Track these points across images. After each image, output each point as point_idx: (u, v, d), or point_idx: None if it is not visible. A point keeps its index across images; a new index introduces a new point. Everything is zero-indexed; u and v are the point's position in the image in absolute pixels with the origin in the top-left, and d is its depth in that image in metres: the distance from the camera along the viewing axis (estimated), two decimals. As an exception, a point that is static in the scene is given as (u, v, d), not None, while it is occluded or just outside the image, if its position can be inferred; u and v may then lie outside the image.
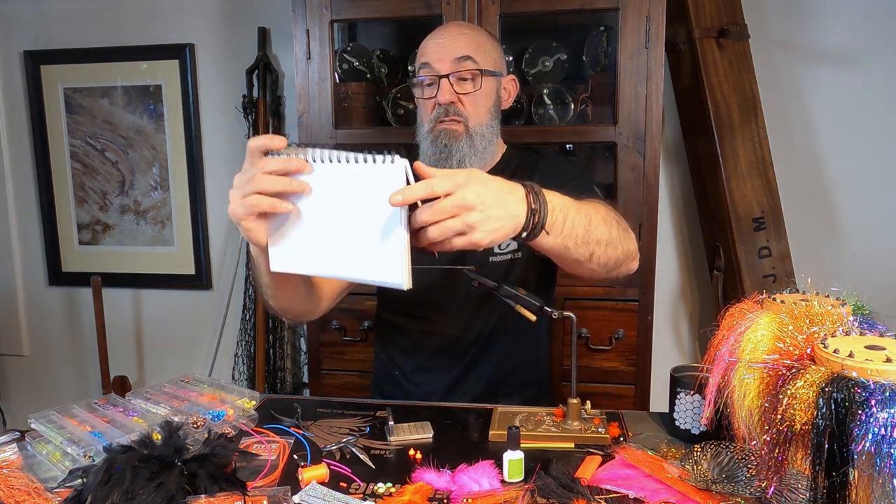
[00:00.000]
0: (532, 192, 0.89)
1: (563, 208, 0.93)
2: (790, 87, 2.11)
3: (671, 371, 1.10)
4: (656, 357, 1.80)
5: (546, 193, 0.91)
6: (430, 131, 1.29)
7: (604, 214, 1.02)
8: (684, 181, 2.20)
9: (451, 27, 1.33)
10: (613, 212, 1.08)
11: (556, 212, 0.92)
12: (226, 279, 2.47)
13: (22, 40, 2.46)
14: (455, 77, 1.26)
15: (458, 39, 1.28)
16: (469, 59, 1.26)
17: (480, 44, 1.29)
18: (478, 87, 1.27)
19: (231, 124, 2.38)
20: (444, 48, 1.27)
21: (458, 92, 1.27)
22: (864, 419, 0.64)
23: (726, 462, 0.93)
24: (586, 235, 0.97)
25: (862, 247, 2.13)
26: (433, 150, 1.28)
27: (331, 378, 1.92)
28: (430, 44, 1.30)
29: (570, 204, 0.95)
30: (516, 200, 0.87)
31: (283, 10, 2.13)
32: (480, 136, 1.29)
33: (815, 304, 0.82)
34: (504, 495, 0.88)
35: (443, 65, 1.26)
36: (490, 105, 1.31)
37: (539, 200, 0.89)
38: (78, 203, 2.53)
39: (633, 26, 1.66)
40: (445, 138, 1.27)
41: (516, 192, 0.88)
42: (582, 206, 0.98)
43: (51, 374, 2.69)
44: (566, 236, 0.94)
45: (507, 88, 1.38)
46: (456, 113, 1.27)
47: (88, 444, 0.98)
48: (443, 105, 1.27)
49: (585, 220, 0.97)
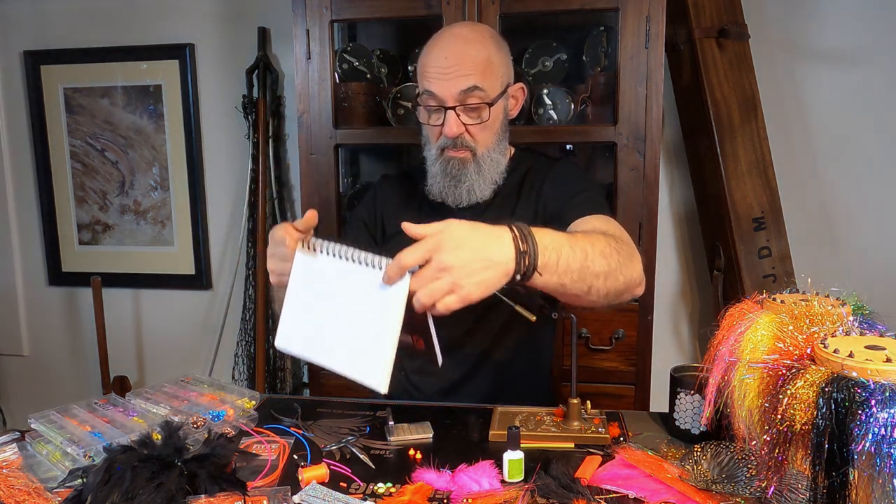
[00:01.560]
0: (520, 234, 0.88)
1: (555, 246, 0.91)
2: (790, 87, 2.11)
3: (671, 371, 1.10)
4: (656, 357, 1.80)
5: (537, 233, 0.90)
6: (438, 156, 1.27)
7: (602, 246, 0.98)
8: (684, 181, 2.20)
9: (454, 40, 1.23)
10: (615, 238, 1.04)
11: (549, 251, 0.90)
12: (226, 279, 2.47)
13: (22, 40, 2.46)
14: (461, 108, 1.21)
15: (465, 63, 1.19)
16: (476, 89, 1.20)
17: (488, 62, 1.21)
18: (485, 119, 1.23)
19: (231, 124, 2.38)
20: (449, 77, 1.19)
21: (465, 123, 1.23)
22: (864, 419, 0.64)
23: (726, 462, 0.93)
24: (583, 270, 0.94)
25: (862, 247, 2.13)
26: (443, 178, 1.28)
27: (331, 378, 1.92)
28: (433, 68, 1.21)
29: (563, 240, 0.93)
30: (502, 246, 0.86)
31: (283, 10, 2.13)
32: (489, 160, 1.27)
33: (815, 304, 0.82)
34: (504, 495, 0.88)
35: (448, 96, 1.20)
36: (498, 128, 1.28)
37: (529, 242, 0.88)
38: (78, 203, 2.53)
39: (633, 26, 1.66)
40: (454, 168, 1.26)
41: (502, 238, 0.87)
42: (577, 240, 0.96)
43: (51, 374, 2.69)
44: (561, 273, 0.92)
45: (515, 96, 1.32)
46: (463, 144, 1.24)
47: (88, 444, 0.98)
48: (450, 138, 1.23)
49: (581, 256, 0.94)
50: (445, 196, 1.29)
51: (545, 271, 0.90)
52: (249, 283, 2.37)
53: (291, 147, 2.36)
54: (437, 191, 1.30)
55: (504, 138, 1.31)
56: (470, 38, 1.22)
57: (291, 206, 2.41)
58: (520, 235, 0.88)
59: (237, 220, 2.41)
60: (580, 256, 0.94)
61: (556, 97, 1.87)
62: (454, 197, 1.28)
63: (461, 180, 1.26)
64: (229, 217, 2.45)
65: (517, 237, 0.88)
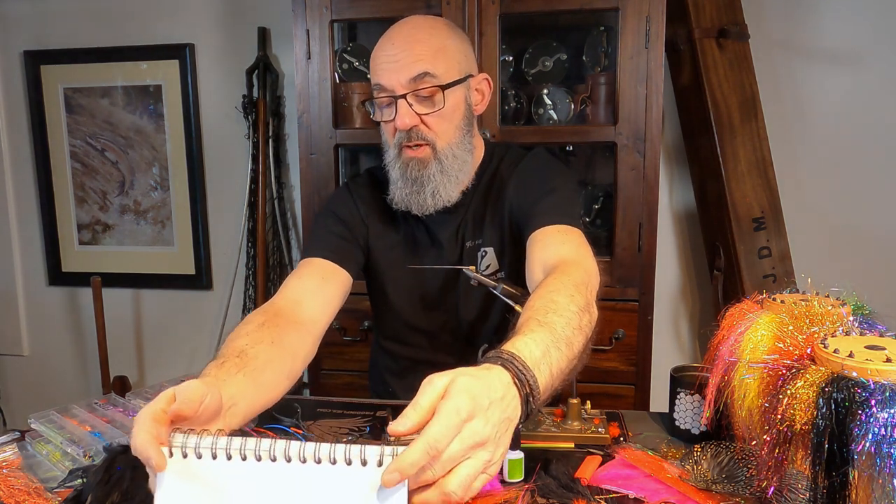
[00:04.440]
0: (518, 378, 0.70)
1: (547, 362, 0.76)
2: (790, 87, 2.11)
3: (671, 371, 1.10)
4: (656, 357, 1.80)
5: (529, 360, 0.73)
6: (396, 157, 1.18)
7: (575, 311, 0.85)
8: (684, 181, 2.20)
9: (403, 30, 1.16)
10: (577, 281, 0.92)
11: (543, 373, 0.74)
12: (226, 279, 2.47)
13: (22, 40, 2.46)
14: (413, 96, 1.13)
15: (413, 50, 1.12)
16: (427, 76, 1.12)
17: (440, 49, 1.13)
18: (440, 106, 1.13)
19: (231, 124, 2.38)
20: (396, 64, 1.12)
21: (418, 113, 1.13)
22: (864, 419, 0.64)
23: (726, 462, 0.93)
24: (570, 359, 0.82)
25: (862, 247, 2.13)
26: (403, 183, 1.18)
27: (331, 378, 1.92)
28: (381, 58, 1.14)
29: (549, 345, 0.78)
30: (513, 398, 0.69)
31: (283, 10, 2.12)
32: (452, 157, 1.18)
33: (815, 304, 0.82)
34: (504, 495, 0.88)
35: (397, 84, 1.12)
36: (459, 119, 1.18)
37: (525, 379, 0.71)
38: (78, 203, 2.53)
39: (633, 26, 1.66)
40: (414, 169, 1.16)
41: (508, 386, 0.69)
42: (560, 333, 0.81)
43: (51, 374, 2.69)
44: (555, 380, 0.78)
45: (480, 90, 1.23)
46: (420, 137, 1.15)
47: (88, 444, 0.98)
48: (403, 130, 1.14)
49: (567, 349, 0.80)
50: (409, 203, 1.20)
51: (544, 392, 0.75)
52: (249, 283, 2.37)
53: (291, 147, 2.36)
54: (400, 198, 1.21)
55: (469, 134, 1.21)
56: (420, 26, 1.16)
57: (291, 206, 2.41)
58: (515, 379, 0.70)
59: (237, 220, 2.41)
60: (566, 350, 0.80)
61: (556, 97, 1.87)
62: (418, 203, 1.19)
63: (423, 183, 1.17)
64: (229, 217, 2.45)
65: (514, 382, 0.70)
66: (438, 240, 1.29)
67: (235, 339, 0.90)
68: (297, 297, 1.09)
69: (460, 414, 0.62)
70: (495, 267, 1.27)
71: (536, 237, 1.11)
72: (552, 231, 1.10)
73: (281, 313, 1.02)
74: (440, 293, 1.31)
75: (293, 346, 0.98)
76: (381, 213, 1.30)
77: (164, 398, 0.67)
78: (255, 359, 0.86)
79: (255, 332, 0.92)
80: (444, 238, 1.29)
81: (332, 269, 1.18)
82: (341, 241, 1.25)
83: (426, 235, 1.30)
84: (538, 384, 0.72)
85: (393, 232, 1.31)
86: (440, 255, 1.29)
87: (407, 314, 1.34)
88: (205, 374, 0.80)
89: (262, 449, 0.61)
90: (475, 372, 0.68)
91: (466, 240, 1.28)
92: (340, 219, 1.28)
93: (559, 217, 1.12)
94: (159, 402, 0.66)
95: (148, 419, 0.64)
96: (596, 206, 1.98)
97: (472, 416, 0.63)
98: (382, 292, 1.34)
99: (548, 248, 1.07)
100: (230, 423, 0.76)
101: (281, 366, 0.92)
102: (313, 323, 1.07)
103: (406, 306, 1.33)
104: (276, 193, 2.35)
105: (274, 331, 0.95)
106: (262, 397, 0.86)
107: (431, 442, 0.60)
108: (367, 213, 1.30)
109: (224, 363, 0.83)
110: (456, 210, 1.26)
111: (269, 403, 0.88)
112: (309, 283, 1.13)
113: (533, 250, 1.10)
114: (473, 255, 1.28)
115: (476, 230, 1.28)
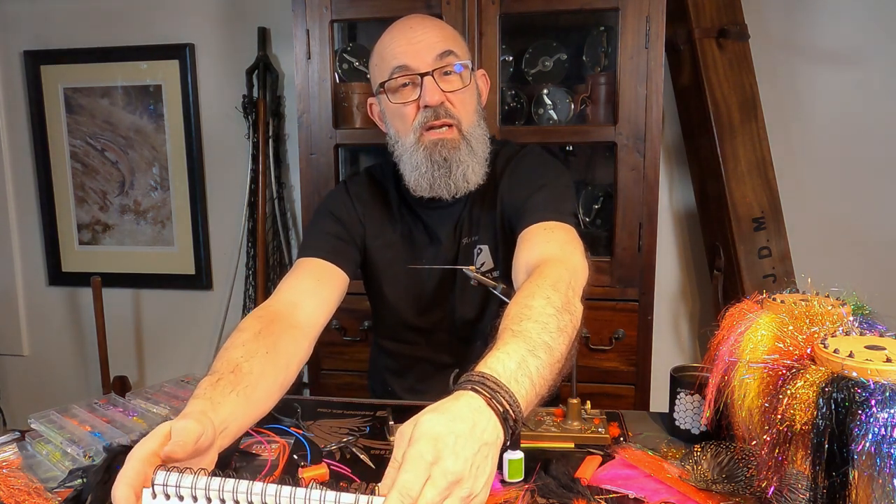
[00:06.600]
0: (493, 399, 0.68)
1: (525, 372, 0.73)
2: (790, 87, 2.11)
3: (671, 371, 1.10)
4: (656, 357, 1.80)
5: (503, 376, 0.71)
6: (418, 142, 1.15)
7: (552, 319, 0.82)
8: (684, 181, 2.20)
9: (414, 20, 1.18)
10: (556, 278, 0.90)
11: (522, 385, 0.72)
12: (226, 279, 2.47)
13: (22, 40, 2.46)
14: (439, 73, 1.13)
15: (434, 32, 1.15)
16: (451, 54, 1.14)
17: (455, 36, 1.18)
18: (466, 83, 1.16)
19: (231, 124, 2.38)
20: (420, 44, 1.13)
21: (444, 90, 1.14)
22: (864, 419, 0.64)
23: (726, 462, 0.93)
24: (553, 364, 0.79)
25: (862, 246, 2.13)
26: (430, 166, 1.14)
27: (331, 378, 1.92)
28: (400, 42, 1.15)
29: (525, 354, 0.75)
30: (487, 420, 0.67)
31: (283, 10, 2.12)
32: (476, 138, 1.18)
33: (815, 304, 0.82)
34: (504, 495, 0.88)
35: (422, 63, 1.13)
36: (475, 104, 1.20)
37: (500, 398, 0.69)
38: (78, 203, 2.53)
39: (633, 26, 1.66)
40: (444, 150, 1.14)
41: (480, 410, 0.67)
42: (536, 339, 0.78)
43: (51, 374, 2.69)
44: (538, 388, 0.75)
45: (480, 85, 1.27)
46: (447, 114, 1.14)
47: (88, 444, 0.98)
48: (431, 107, 1.13)
49: (546, 355, 0.78)
50: (438, 188, 1.17)
51: (527, 407, 0.73)
52: (249, 283, 2.37)
53: (291, 147, 2.36)
54: (427, 183, 1.17)
55: (483, 121, 1.23)
56: (428, 17, 1.21)
57: (291, 206, 2.41)
58: (493, 401, 0.68)
59: (237, 220, 2.41)
60: (546, 358, 0.77)
61: (556, 97, 1.87)
62: (447, 186, 1.17)
63: (453, 165, 1.15)
64: (229, 217, 2.45)
65: (491, 404, 0.68)
66: (437, 237, 1.29)
67: (230, 350, 0.89)
68: (293, 300, 1.08)
69: (425, 458, 0.60)
70: (490, 265, 1.27)
71: (524, 237, 1.10)
72: (538, 230, 1.09)
73: (277, 318, 1.01)
74: (437, 292, 1.31)
75: (288, 354, 0.97)
76: (379, 212, 1.30)
77: (159, 437, 0.66)
78: (249, 374, 0.85)
79: (251, 343, 0.91)
80: (442, 235, 1.29)
81: (328, 270, 1.18)
82: (338, 240, 1.24)
83: (424, 233, 1.30)
84: (517, 399, 0.70)
85: (390, 230, 1.31)
86: (438, 252, 1.29)
87: (404, 312, 1.34)
88: (197, 395, 0.78)
89: (239, 492, 0.62)
90: (441, 406, 0.66)
91: (463, 236, 1.28)
92: (337, 218, 1.27)
93: (548, 213, 1.11)
94: (153, 443, 0.66)
95: (138, 462, 0.64)
96: (596, 206, 1.98)
97: (438, 458, 0.61)
98: (380, 291, 1.34)
99: (533, 248, 1.06)
100: (221, 445, 0.76)
101: (275, 377, 0.92)
102: (310, 326, 1.07)
103: (403, 305, 1.33)
104: (276, 193, 2.35)
105: (269, 339, 0.94)
106: (254, 413, 0.86)
107: (403, 491, 0.58)
108: (364, 212, 1.29)
109: (219, 381, 0.81)
110: (454, 206, 1.26)
111: (259, 417, 0.88)
112: (305, 284, 1.13)
113: (519, 251, 1.09)
114: (469, 252, 1.28)
115: (472, 227, 1.28)
